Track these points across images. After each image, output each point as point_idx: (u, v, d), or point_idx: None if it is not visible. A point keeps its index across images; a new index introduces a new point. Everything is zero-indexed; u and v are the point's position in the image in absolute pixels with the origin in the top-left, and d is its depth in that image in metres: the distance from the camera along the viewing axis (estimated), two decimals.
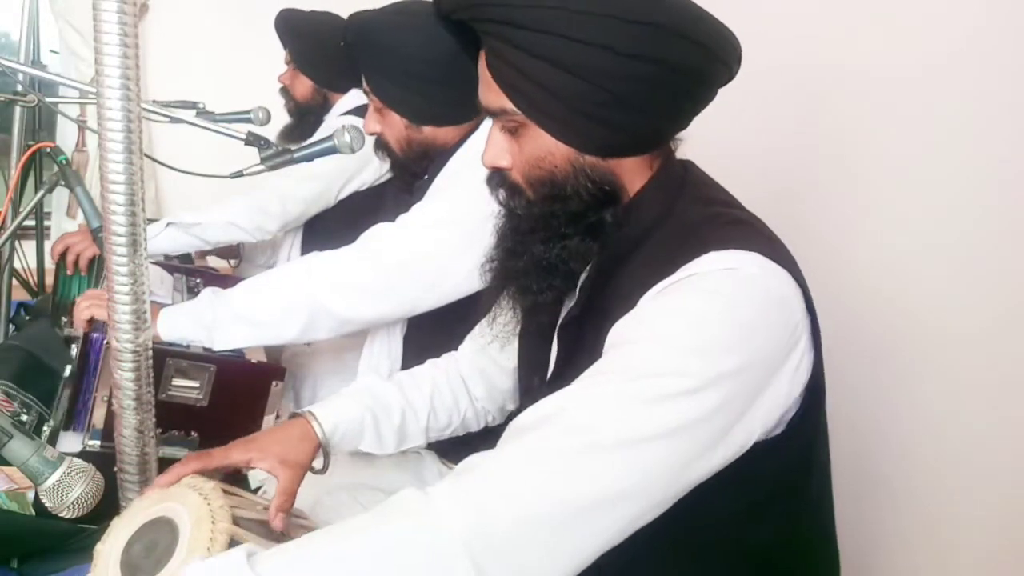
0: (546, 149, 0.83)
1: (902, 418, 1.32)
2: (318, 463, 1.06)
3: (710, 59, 0.81)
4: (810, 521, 0.93)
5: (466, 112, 1.40)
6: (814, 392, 0.82)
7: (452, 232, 1.31)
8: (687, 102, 0.84)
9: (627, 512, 0.71)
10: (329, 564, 0.68)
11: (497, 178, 0.90)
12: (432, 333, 1.38)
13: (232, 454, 0.98)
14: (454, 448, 1.41)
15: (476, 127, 1.43)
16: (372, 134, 1.46)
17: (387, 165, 1.51)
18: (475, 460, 0.75)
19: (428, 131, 1.41)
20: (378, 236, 1.39)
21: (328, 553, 0.69)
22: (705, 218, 0.84)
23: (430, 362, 1.23)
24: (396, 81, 1.38)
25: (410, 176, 1.48)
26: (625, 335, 0.78)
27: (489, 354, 1.17)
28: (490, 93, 0.84)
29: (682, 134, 0.90)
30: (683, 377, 0.72)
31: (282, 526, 0.90)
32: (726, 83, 0.86)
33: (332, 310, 1.34)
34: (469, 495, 0.70)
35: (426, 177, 1.47)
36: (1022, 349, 1.15)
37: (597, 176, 0.84)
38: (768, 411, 0.78)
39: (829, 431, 0.91)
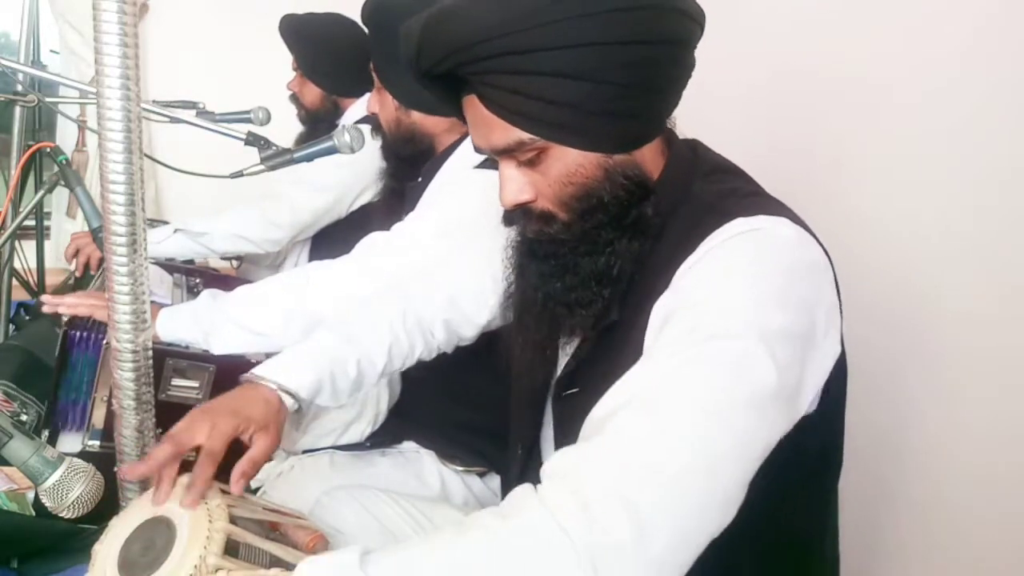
0: (575, 163, 0.82)
1: (909, 421, 1.32)
2: None
3: (692, 23, 0.83)
4: (833, 513, 0.93)
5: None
6: (841, 367, 0.81)
7: (446, 242, 1.31)
8: (683, 72, 0.85)
9: (734, 472, 0.69)
10: (446, 565, 0.67)
11: (520, 213, 0.88)
12: None
13: (224, 429, 0.91)
14: (453, 448, 1.42)
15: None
16: (372, 113, 1.52)
17: None
18: (576, 460, 0.71)
19: (416, 116, 1.45)
20: (374, 246, 1.40)
21: (444, 555, 0.68)
22: (725, 192, 0.84)
23: (383, 304, 1.19)
24: (395, 62, 1.39)
25: (396, 160, 1.52)
26: (671, 308, 0.77)
27: (459, 308, 1.17)
28: (495, 132, 0.83)
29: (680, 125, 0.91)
30: (738, 339, 0.71)
31: (239, 491, 0.88)
32: (698, 42, 0.87)
33: None
34: (578, 496, 0.67)
35: (419, 180, 1.48)
36: None
37: (629, 172, 0.83)
38: (818, 375, 0.77)
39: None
